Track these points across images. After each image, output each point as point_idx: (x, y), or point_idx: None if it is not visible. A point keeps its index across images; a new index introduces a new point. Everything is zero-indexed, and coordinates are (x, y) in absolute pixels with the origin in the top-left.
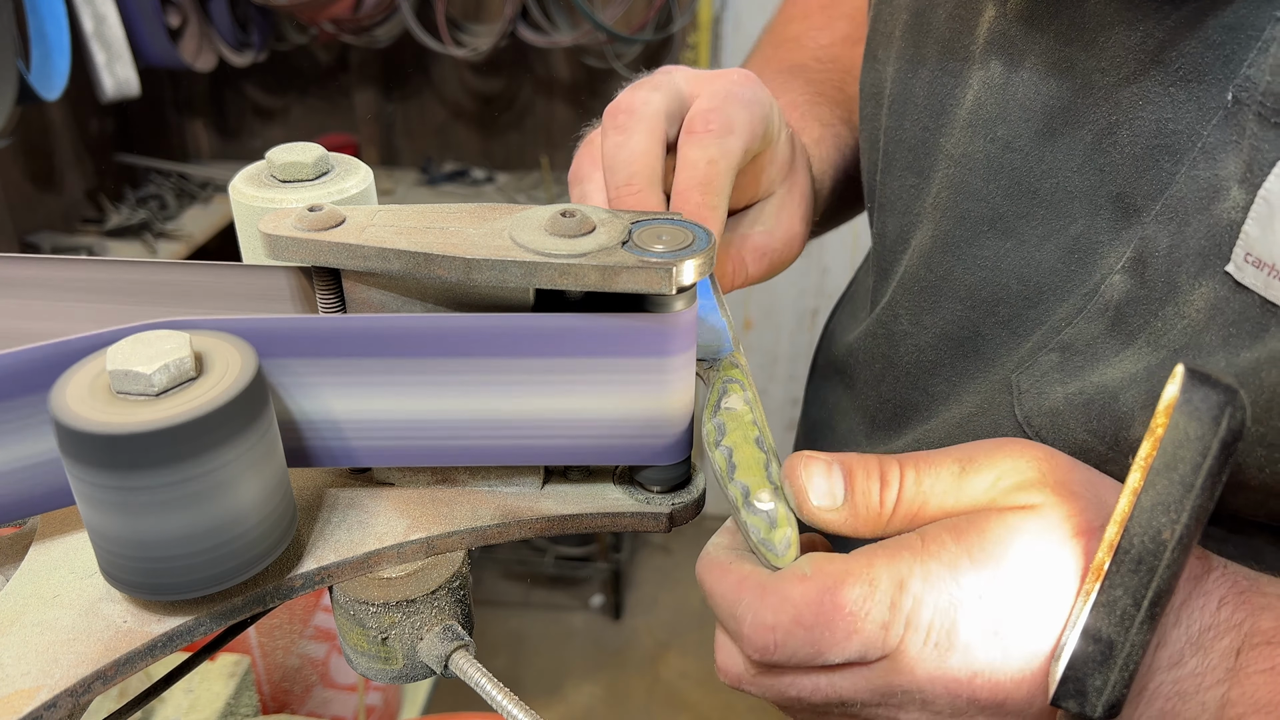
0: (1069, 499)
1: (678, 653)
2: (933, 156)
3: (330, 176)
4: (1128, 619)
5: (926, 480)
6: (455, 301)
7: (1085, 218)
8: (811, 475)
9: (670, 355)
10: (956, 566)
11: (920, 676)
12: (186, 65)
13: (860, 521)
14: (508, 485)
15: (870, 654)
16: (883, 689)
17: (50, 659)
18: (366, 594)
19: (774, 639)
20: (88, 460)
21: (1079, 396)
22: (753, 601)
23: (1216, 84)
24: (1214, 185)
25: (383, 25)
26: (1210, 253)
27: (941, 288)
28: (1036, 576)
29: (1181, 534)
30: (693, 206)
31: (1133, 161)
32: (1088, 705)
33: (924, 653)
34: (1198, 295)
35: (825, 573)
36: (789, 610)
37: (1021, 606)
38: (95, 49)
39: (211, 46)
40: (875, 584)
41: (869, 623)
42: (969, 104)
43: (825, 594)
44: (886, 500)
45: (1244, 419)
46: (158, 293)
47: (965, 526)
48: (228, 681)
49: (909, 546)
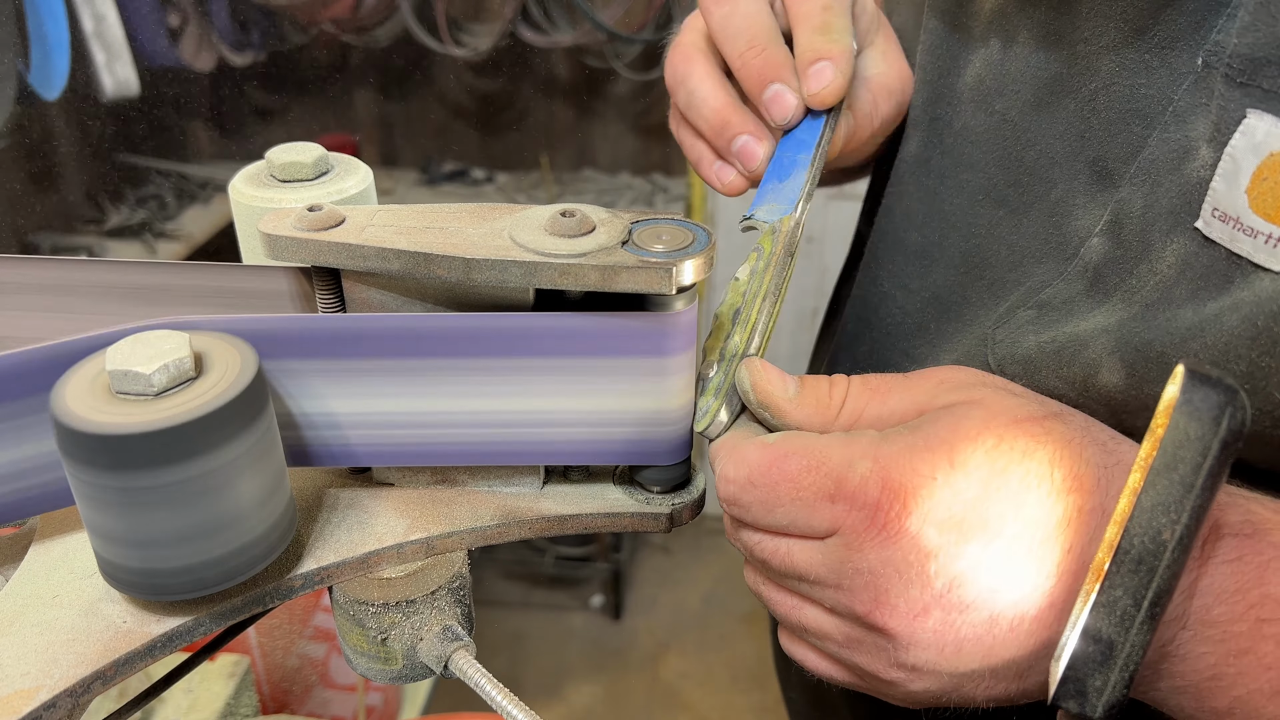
0: (1009, 396)
1: (678, 653)
2: (935, 130)
3: (330, 176)
4: (1128, 619)
5: (873, 381)
6: (455, 301)
7: (1064, 183)
8: (769, 369)
9: (670, 355)
10: (911, 450)
11: (870, 557)
12: (186, 65)
13: (809, 408)
14: (508, 485)
15: (816, 526)
16: (834, 566)
17: (50, 659)
18: (366, 594)
19: (732, 491)
20: (88, 460)
21: (1050, 345)
22: (723, 458)
23: (1187, 50)
24: (1184, 146)
25: (383, 25)
26: (1181, 210)
27: (934, 254)
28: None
29: (1181, 534)
30: (817, 51)
31: (1107, 127)
32: (1088, 705)
33: (870, 534)
34: (1169, 252)
35: (784, 442)
36: (744, 469)
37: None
38: (95, 49)
39: (211, 46)
40: (824, 460)
41: (811, 492)
42: (970, 80)
43: (775, 460)
44: (835, 395)
45: (1244, 419)
46: (157, 293)
47: (919, 421)
48: (227, 681)
49: (866, 435)
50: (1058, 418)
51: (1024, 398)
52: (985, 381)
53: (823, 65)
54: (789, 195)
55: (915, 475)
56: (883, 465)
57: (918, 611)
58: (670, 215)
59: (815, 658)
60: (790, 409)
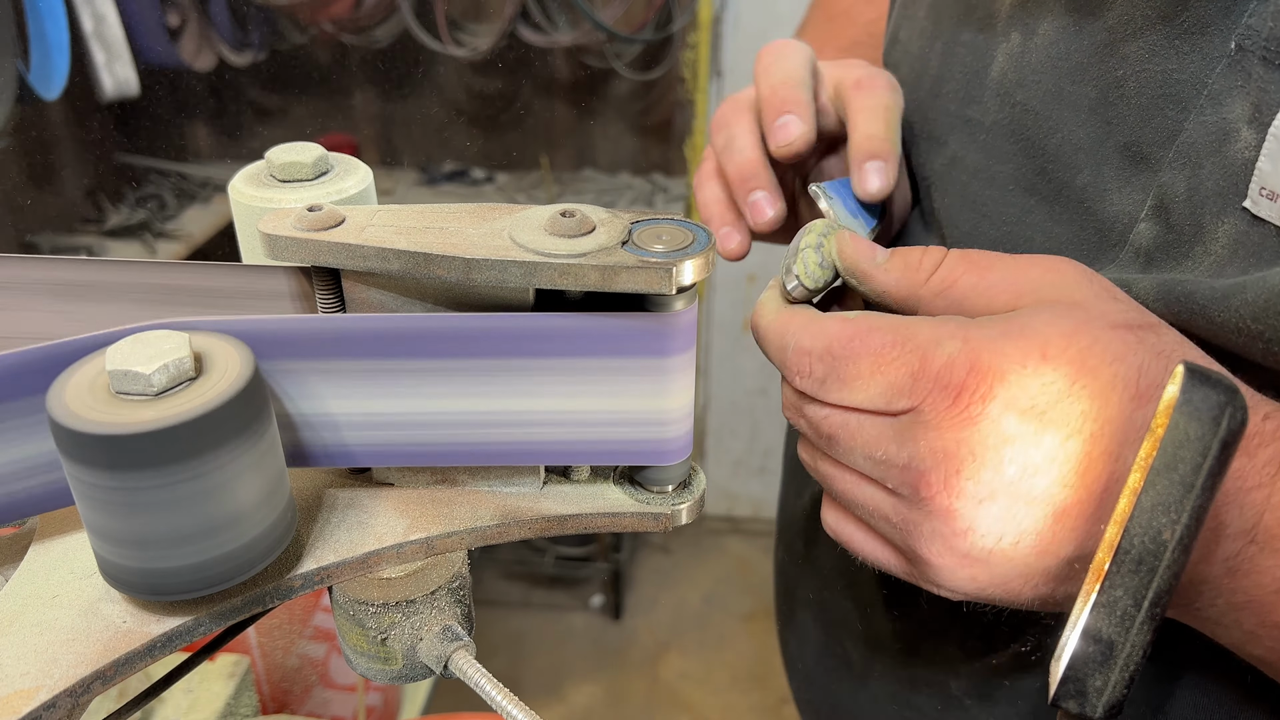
0: (1111, 300)
1: (678, 653)
2: (969, 130)
3: (330, 176)
4: (1128, 619)
5: (973, 254)
6: (455, 301)
7: (1091, 168)
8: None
9: (670, 355)
10: (1006, 336)
11: (946, 440)
12: (186, 65)
13: (896, 273)
14: (508, 485)
15: (896, 402)
16: (907, 444)
17: (49, 659)
18: (366, 594)
19: (808, 363)
20: (87, 460)
21: None
22: (798, 330)
23: (1219, 35)
24: (1223, 129)
25: (383, 25)
26: (1228, 191)
27: (967, 244)
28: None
29: (1182, 534)
30: (877, 142)
31: (1139, 112)
32: (1088, 705)
33: (951, 414)
34: (1221, 232)
35: (868, 318)
36: (823, 340)
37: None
38: (95, 49)
39: (211, 46)
40: (910, 337)
41: (895, 368)
42: (995, 75)
43: (858, 333)
44: (926, 262)
45: (1244, 419)
46: (157, 293)
47: (1011, 315)
48: (227, 682)
49: (956, 319)
50: (1153, 329)
51: (1125, 304)
52: (1091, 281)
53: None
54: (853, 225)
55: (1005, 359)
56: (972, 347)
57: (984, 496)
58: (670, 215)
59: (862, 537)
60: (877, 272)
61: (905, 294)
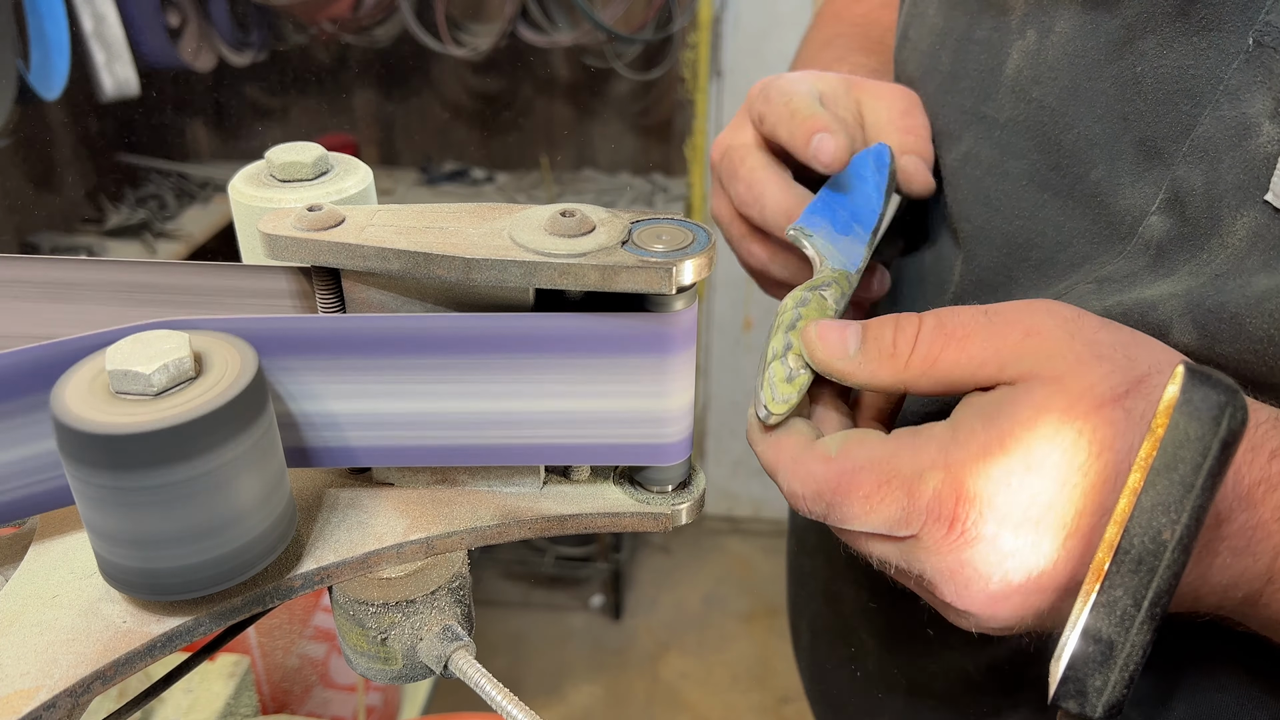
0: (1094, 363)
1: (678, 653)
2: (985, 127)
3: (330, 176)
4: (1128, 619)
5: (949, 324)
6: (455, 301)
7: (1105, 163)
8: (826, 330)
9: (670, 355)
10: (985, 456)
11: (949, 561)
12: (186, 65)
13: (874, 365)
14: (508, 485)
15: (895, 531)
16: (914, 563)
17: (49, 659)
18: (366, 594)
19: (803, 505)
20: (87, 460)
21: (1116, 308)
22: (785, 470)
23: (1235, 31)
24: (1243, 124)
25: (383, 25)
26: (1249, 185)
27: (978, 237)
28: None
29: (1182, 534)
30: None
31: (1154, 107)
32: (1088, 706)
33: (948, 541)
34: (1240, 225)
35: (848, 456)
36: (812, 484)
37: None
38: (95, 49)
39: (211, 46)
40: (893, 474)
41: (885, 507)
42: (1010, 72)
43: (843, 476)
44: (900, 344)
45: (1244, 419)
46: (157, 292)
47: (995, 413)
48: (227, 681)
49: (937, 438)
50: (1141, 391)
51: (1111, 364)
52: (1073, 338)
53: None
54: (849, 252)
55: (990, 483)
56: (955, 475)
57: (998, 600)
58: (670, 215)
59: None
60: (854, 370)
61: (889, 383)
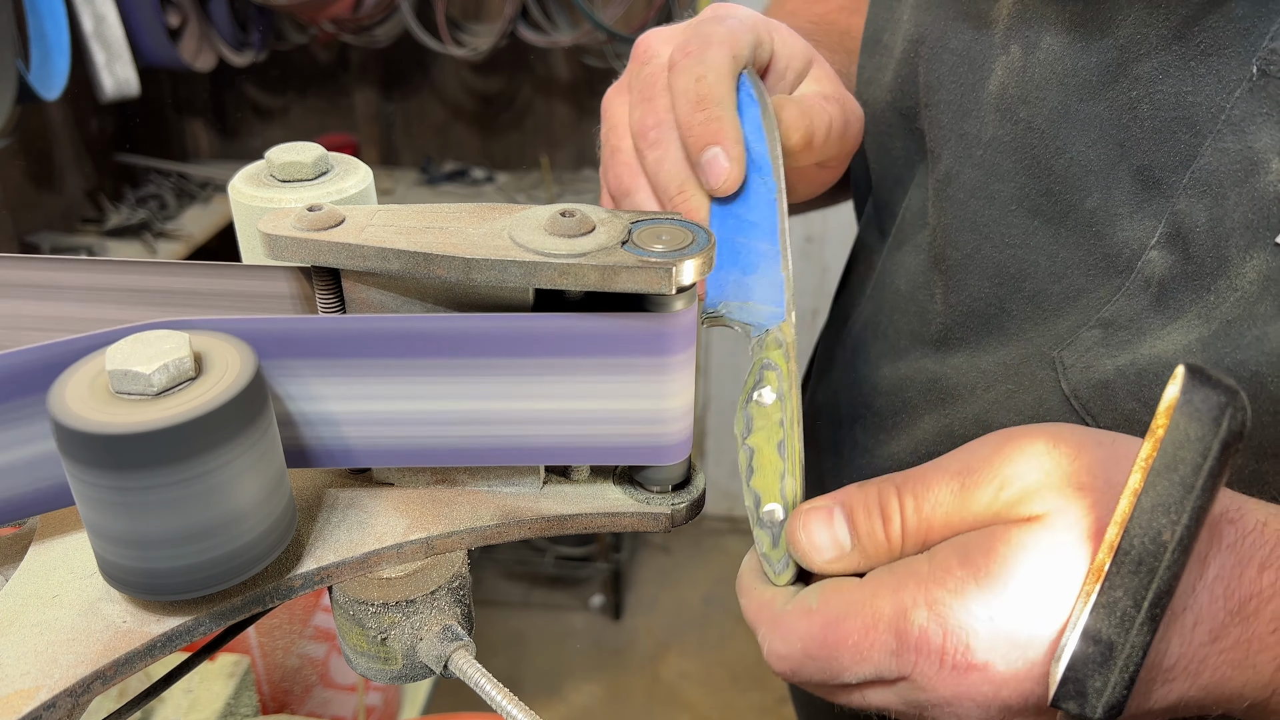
0: (1076, 498)
1: (678, 653)
2: (965, 144)
3: (329, 176)
4: (1128, 620)
5: (927, 506)
6: (455, 301)
7: (1101, 191)
8: (813, 532)
9: (670, 355)
10: (964, 593)
11: (945, 693)
12: (186, 65)
13: (872, 559)
14: (508, 485)
15: (886, 675)
16: (912, 703)
17: (49, 659)
18: (366, 594)
19: (789, 667)
20: (87, 460)
21: (1130, 368)
22: (767, 632)
23: (1236, 57)
24: (1249, 158)
25: (383, 25)
26: (1258, 225)
27: (967, 266)
28: (1049, 589)
29: (1182, 535)
30: (698, 126)
31: (1153, 135)
32: (1088, 706)
33: (941, 675)
34: (1249, 268)
35: (830, 606)
36: (797, 643)
37: (1037, 619)
38: (95, 49)
39: (211, 46)
40: (878, 618)
41: (875, 652)
42: (994, 89)
43: (829, 628)
44: (892, 535)
45: (1245, 420)
46: (157, 293)
47: (972, 549)
48: (227, 681)
49: (915, 574)
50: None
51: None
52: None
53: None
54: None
55: (973, 618)
56: (939, 613)
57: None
58: (670, 215)
59: None
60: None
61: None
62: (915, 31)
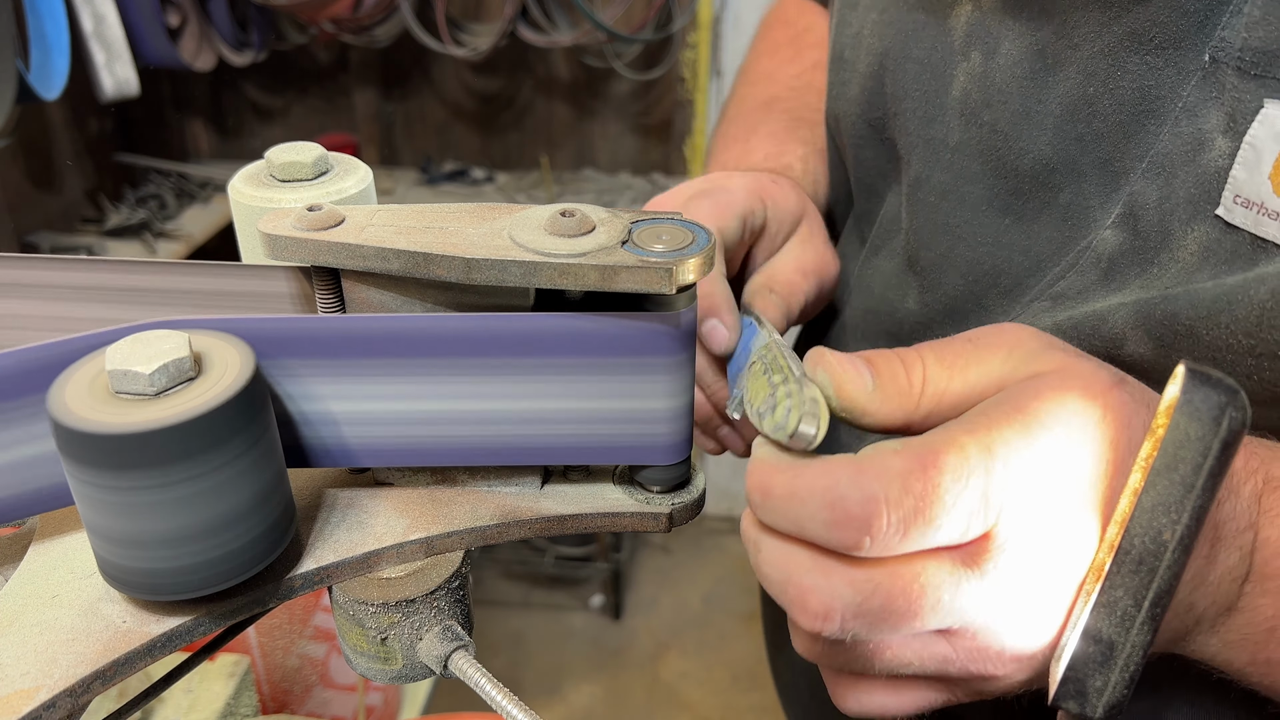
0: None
1: (678, 653)
2: (932, 149)
3: (329, 176)
4: (1128, 619)
5: (947, 355)
6: (455, 301)
7: (1071, 185)
8: (843, 360)
9: (670, 355)
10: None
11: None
12: (186, 65)
13: (892, 403)
14: (507, 485)
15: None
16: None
17: (49, 659)
18: (366, 594)
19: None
20: (87, 460)
21: (1067, 322)
22: (851, 479)
23: (1193, 49)
24: (1197, 139)
25: (383, 25)
26: (1200, 199)
27: (942, 266)
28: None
29: (1182, 534)
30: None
31: (1118, 129)
32: (1088, 706)
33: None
34: (1190, 239)
35: (920, 443)
36: (895, 480)
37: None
38: (95, 49)
39: (211, 46)
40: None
41: (971, 489)
42: (957, 94)
43: (926, 458)
44: (914, 380)
45: (1245, 419)
46: (157, 293)
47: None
48: (227, 681)
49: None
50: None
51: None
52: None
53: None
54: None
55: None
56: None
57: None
58: (670, 215)
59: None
60: (875, 407)
61: (898, 422)
62: (879, 45)
